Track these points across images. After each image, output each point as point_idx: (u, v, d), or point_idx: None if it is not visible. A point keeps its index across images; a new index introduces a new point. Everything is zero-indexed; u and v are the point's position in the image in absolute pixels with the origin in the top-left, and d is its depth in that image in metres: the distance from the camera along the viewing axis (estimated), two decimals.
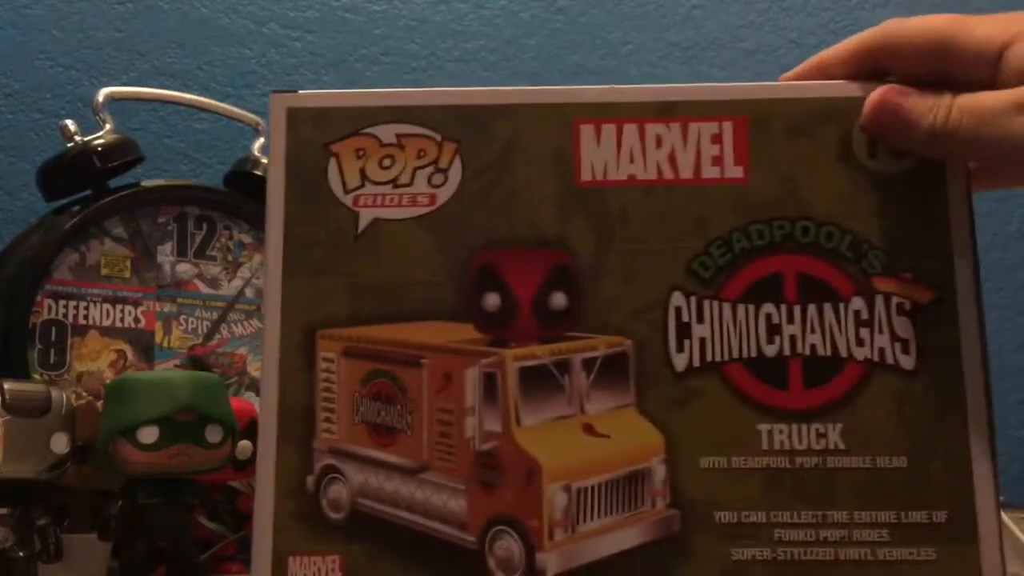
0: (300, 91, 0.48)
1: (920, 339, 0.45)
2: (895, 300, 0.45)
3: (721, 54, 1.34)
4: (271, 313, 0.46)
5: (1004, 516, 0.91)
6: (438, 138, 0.47)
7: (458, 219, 0.46)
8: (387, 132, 0.47)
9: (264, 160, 0.98)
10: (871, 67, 0.47)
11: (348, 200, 0.47)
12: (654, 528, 0.44)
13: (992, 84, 0.44)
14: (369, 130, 0.47)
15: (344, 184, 0.47)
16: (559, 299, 0.46)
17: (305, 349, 0.46)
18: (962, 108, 0.43)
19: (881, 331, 0.45)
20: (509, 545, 0.44)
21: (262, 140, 1.00)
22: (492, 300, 0.46)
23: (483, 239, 0.46)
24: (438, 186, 0.47)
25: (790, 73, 0.50)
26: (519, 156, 0.47)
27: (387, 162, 0.47)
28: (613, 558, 0.44)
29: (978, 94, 0.43)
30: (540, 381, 0.45)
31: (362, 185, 0.47)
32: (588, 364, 0.45)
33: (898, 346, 0.45)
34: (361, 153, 0.47)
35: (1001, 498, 0.97)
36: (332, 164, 0.47)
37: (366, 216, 0.47)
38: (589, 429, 0.45)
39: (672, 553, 0.44)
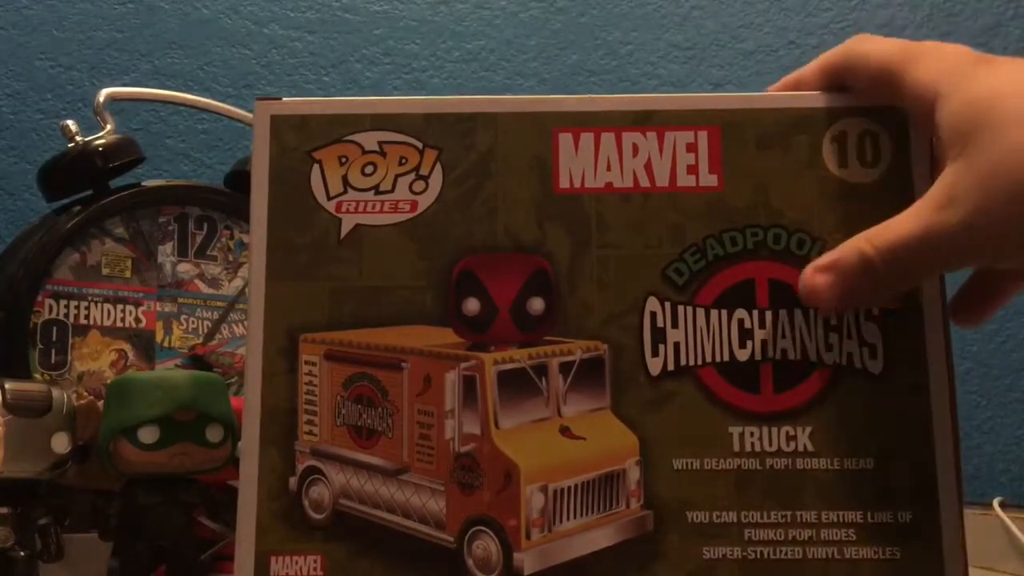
0: (284, 98, 0.49)
1: (887, 344, 0.45)
2: None
3: (720, 54, 1.34)
4: (255, 316, 0.47)
5: (1004, 516, 0.91)
6: (419, 146, 0.48)
7: (439, 225, 0.47)
8: (369, 139, 0.48)
9: None
10: (838, 85, 0.48)
11: (331, 206, 0.48)
12: (628, 528, 0.45)
13: (928, 122, 0.44)
14: (352, 137, 0.48)
15: (327, 190, 0.48)
16: (537, 304, 0.47)
17: (288, 352, 0.47)
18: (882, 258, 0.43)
19: (849, 336, 0.46)
20: (487, 545, 0.45)
21: None
22: (472, 305, 0.47)
23: (463, 245, 0.47)
24: (419, 193, 0.48)
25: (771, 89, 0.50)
26: (499, 163, 0.48)
27: (369, 169, 0.48)
28: (588, 557, 0.45)
29: (886, 232, 0.43)
30: (518, 384, 0.46)
31: (344, 191, 0.48)
32: (565, 368, 0.46)
33: (865, 351, 0.45)
34: (344, 160, 0.48)
35: (1000, 498, 0.97)
36: (315, 170, 0.48)
37: (348, 222, 0.48)
38: (566, 431, 0.46)
39: (646, 552, 0.45)
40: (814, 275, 0.45)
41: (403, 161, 0.48)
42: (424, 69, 1.28)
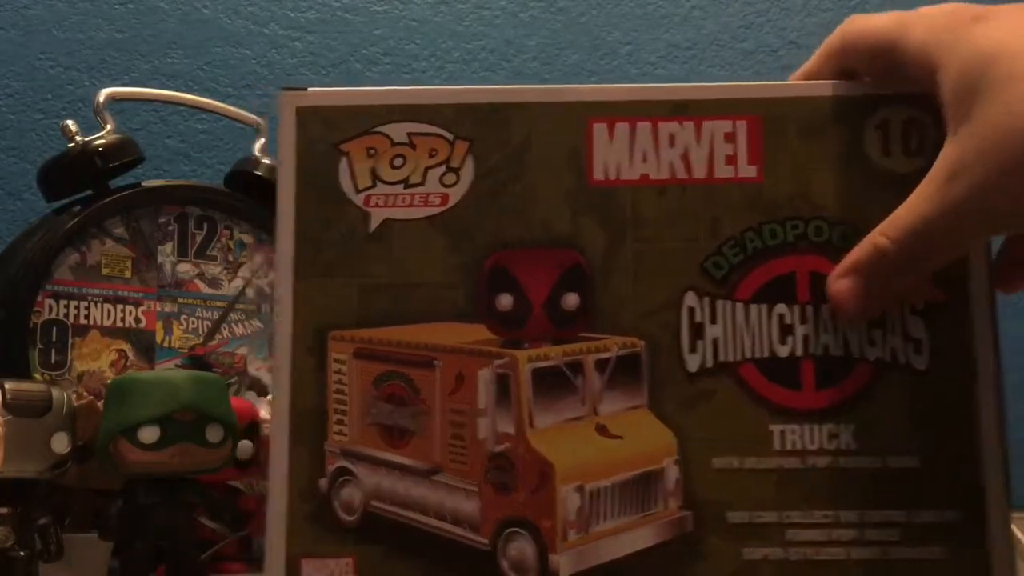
0: (310, 88, 0.48)
1: (933, 339, 0.44)
2: None
3: (720, 54, 1.34)
4: (283, 314, 0.46)
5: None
6: (450, 137, 0.47)
7: (470, 219, 0.46)
8: (398, 131, 0.47)
9: (265, 160, 0.98)
10: (843, 69, 0.47)
11: (359, 200, 0.47)
12: (667, 529, 0.44)
13: (933, 91, 0.43)
14: (380, 129, 0.47)
15: (355, 184, 0.47)
16: (572, 300, 0.46)
17: (317, 350, 0.46)
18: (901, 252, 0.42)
19: (893, 331, 0.45)
20: (522, 546, 0.44)
21: (263, 140, 1.00)
22: (505, 301, 0.46)
23: (495, 239, 0.46)
24: (450, 185, 0.47)
25: None
26: (532, 155, 0.46)
27: (398, 161, 0.47)
28: (626, 559, 0.44)
29: (896, 220, 0.43)
30: (553, 382, 0.45)
31: (373, 185, 0.47)
32: (601, 365, 0.45)
33: (910, 346, 0.44)
34: (372, 152, 0.47)
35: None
36: (343, 163, 0.47)
37: (377, 216, 0.46)
38: (602, 430, 0.45)
39: (685, 553, 0.44)
40: (836, 282, 0.44)
41: (433, 153, 0.47)
42: (424, 69, 1.28)
